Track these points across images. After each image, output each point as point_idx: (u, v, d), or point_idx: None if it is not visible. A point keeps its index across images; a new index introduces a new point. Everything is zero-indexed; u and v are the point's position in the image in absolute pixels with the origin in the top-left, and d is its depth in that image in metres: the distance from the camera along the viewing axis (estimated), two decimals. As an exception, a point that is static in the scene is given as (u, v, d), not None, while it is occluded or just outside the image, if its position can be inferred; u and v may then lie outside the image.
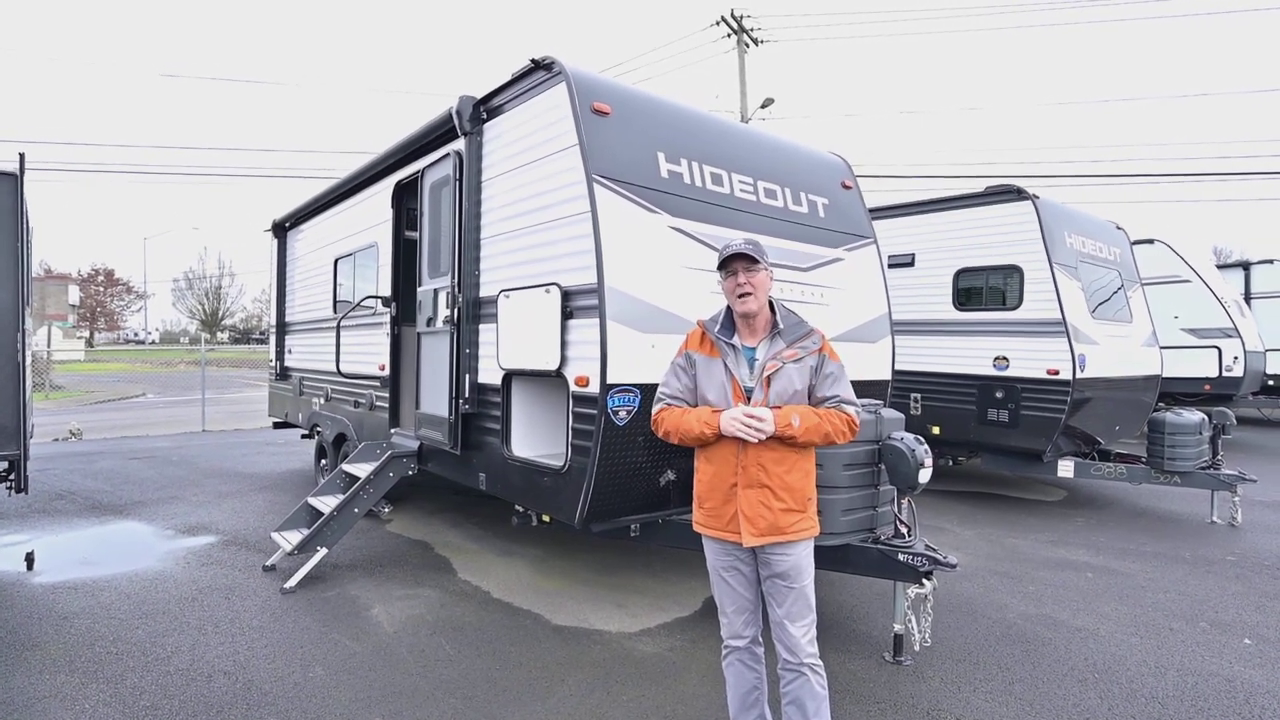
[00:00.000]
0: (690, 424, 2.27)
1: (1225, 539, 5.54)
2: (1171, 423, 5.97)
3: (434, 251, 4.73)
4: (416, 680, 3.10)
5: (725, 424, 2.22)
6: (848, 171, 4.86)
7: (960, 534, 5.61)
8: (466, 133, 4.21)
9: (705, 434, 2.25)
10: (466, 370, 4.21)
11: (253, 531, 5.46)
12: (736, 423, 2.19)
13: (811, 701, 2.26)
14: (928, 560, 3.13)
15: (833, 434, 2.26)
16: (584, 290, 3.39)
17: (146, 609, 3.86)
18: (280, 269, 8.10)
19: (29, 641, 3.44)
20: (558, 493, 3.61)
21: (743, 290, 2.30)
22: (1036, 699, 2.99)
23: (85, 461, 8.64)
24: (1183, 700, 3.00)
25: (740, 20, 16.54)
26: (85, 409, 16.43)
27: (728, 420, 2.21)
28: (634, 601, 4.05)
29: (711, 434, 2.25)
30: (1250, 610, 4.03)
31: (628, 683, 3.10)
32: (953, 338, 6.85)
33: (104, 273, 53.93)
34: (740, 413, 2.20)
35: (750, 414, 2.18)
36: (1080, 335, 6.12)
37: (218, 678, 3.09)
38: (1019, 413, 6.28)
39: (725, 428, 2.22)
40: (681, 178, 3.69)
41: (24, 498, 5.93)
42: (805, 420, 2.21)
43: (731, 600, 2.37)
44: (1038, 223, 6.23)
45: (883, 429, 3.29)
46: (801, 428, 2.20)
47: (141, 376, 28.80)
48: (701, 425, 2.25)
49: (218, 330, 54.68)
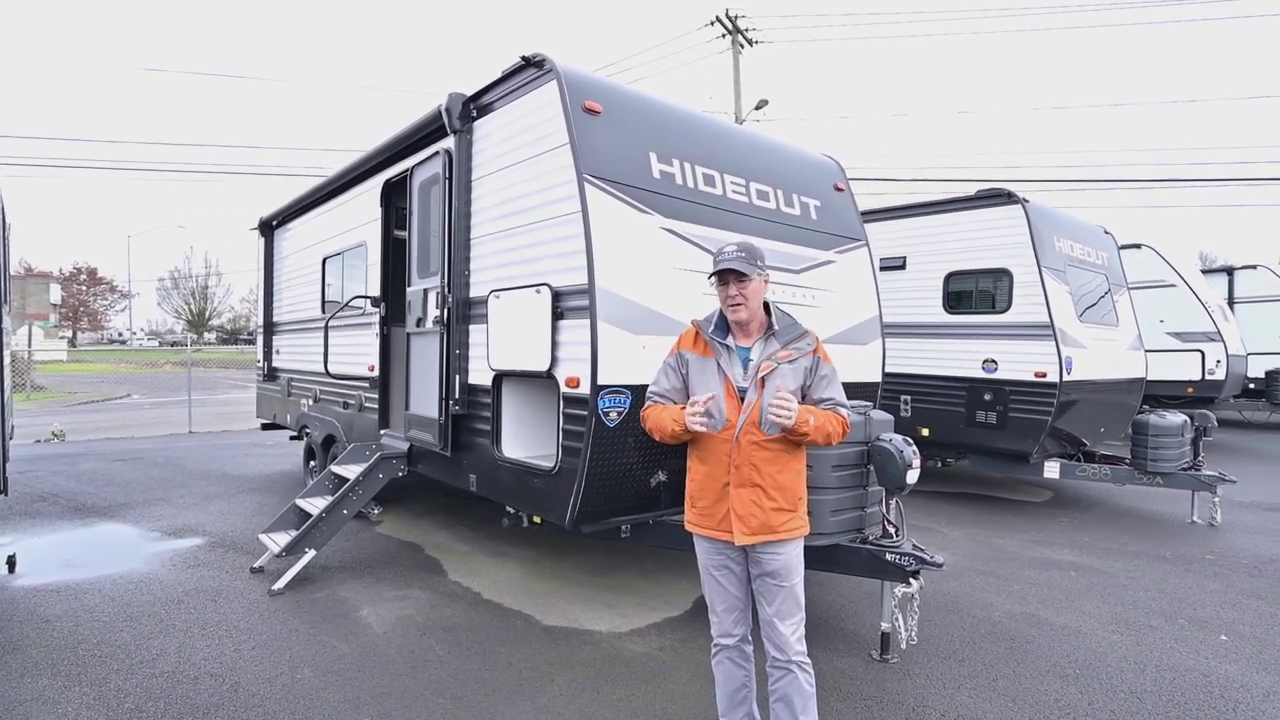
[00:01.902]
0: (664, 420, 2.30)
1: (1204, 538, 5.63)
2: (1155, 425, 6.08)
3: (423, 251, 4.71)
4: (406, 681, 3.09)
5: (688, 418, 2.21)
6: (840, 174, 4.89)
7: (948, 534, 5.66)
8: (456, 131, 4.20)
9: (676, 430, 2.27)
10: (456, 371, 4.19)
11: (240, 533, 5.40)
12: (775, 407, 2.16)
13: (799, 699, 2.28)
14: (915, 560, 3.16)
15: (832, 435, 2.29)
16: (575, 291, 3.39)
17: (131, 611, 3.81)
18: (268, 268, 8.02)
19: (10, 645, 3.38)
20: (548, 494, 3.61)
21: (734, 302, 2.33)
22: (1020, 695, 3.03)
23: (68, 463, 8.51)
24: (1160, 695, 3.06)
25: (735, 21, 16.56)
26: (68, 410, 16.20)
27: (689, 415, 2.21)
28: (624, 602, 4.06)
29: (681, 430, 2.26)
30: (1227, 608, 4.10)
31: (618, 682, 3.10)
32: (943, 340, 6.90)
33: (87, 271, 53.26)
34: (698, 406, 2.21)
35: (782, 399, 2.16)
36: (1067, 339, 6.19)
37: (204, 680, 3.06)
38: (1007, 415, 6.34)
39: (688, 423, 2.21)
40: (674, 178, 3.70)
41: (4, 500, 5.81)
42: (817, 420, 2.24)
43: (722, 599, 2.39)
44: (1027, 227, 6.29)
45: (872, 430, 3.31)
46: (814, 425, 2.22)
47: (126, 377, 28.42)
48: (672, 422, 2.28)
49: (204, 330, 54.06)
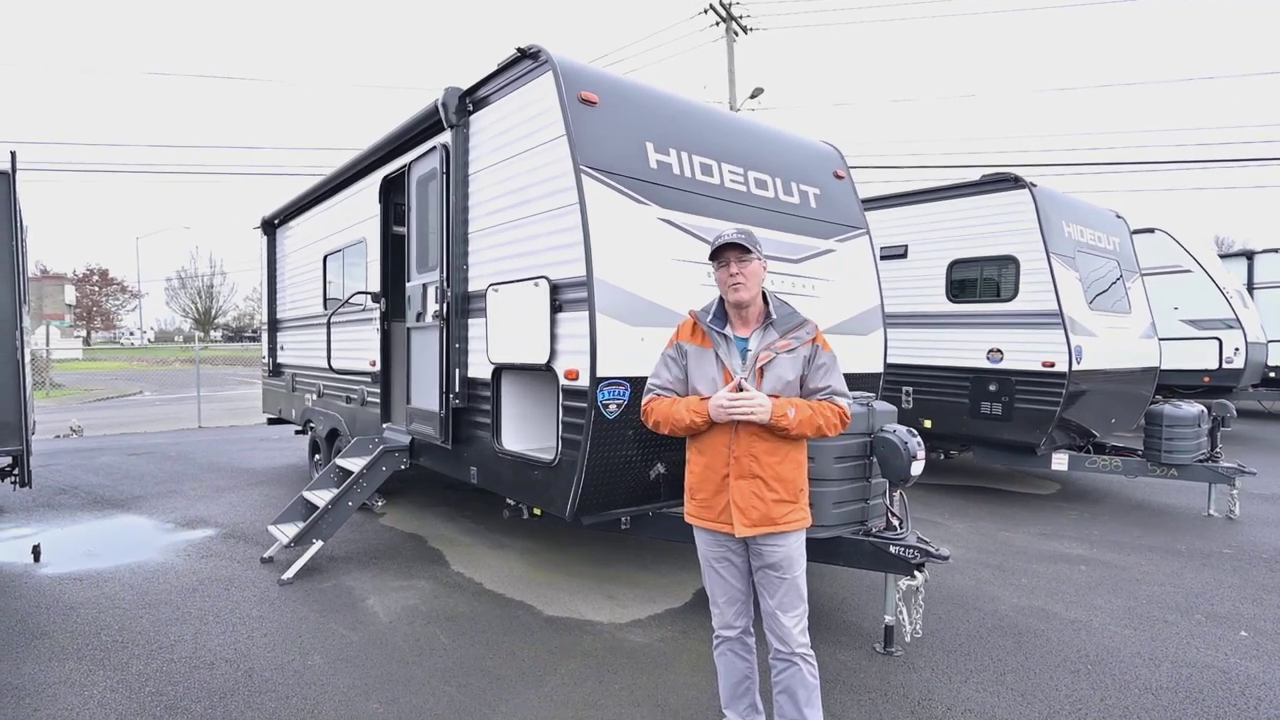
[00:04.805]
0: (680, 413, 2.26)
1: (1222, 532, 5.52)
2: (1169, 415, 5.94)
3: (422, 246, 4.71)
4: (412, 668, 3.12)
5: (714, 410, 2.20)
6: (840, 161, 4.83)
7: (952, 527, 5.60)
8: (452, 125, 4.18)
9: (696, 422, 2.24)
10: (456, 365, 4.19)
11: (250, 525, 5.48)
12: (728, 405, 2.16)
13: (803, 691, 2.26)
14: (919, 553, 3.12)
15: (825, 427, 2.24)
16: (573, 283, 3.37)
17: (149, 599, 3.92)
18: (271, 266, 8.08)
19: (37, 630, 3.51)
20: (548, 486, 3.61)
21: (735, 281, 2.28)
22: (1028, 689, 2.99)
23: (87, 457, 8.68)
24: (1177, 691, 2.99)
25: (729, 8, 16.30)
26: (85, 406, 16.46)
27: (715, 406, 2.20)
28: (625, 593, 4.05)
29: (702, 422, 2.23)
30: (1247, 603, 4.01)
31: (619, 672, 3.10)
32: (946, 330, 6.79)
33: (99, 273, 54.20)
34: (725, 395, 2.18)
35: (735, 397, 2.16)
36: (1077, 327, 6.06)
37: (220, 665, 3.14)
38: (1013, 406, 6.23)
39: (715, 414, 2.20)
40: (671, 168, 3.67)
41: (28, 492, 6.02)
42: (800, 413, 2.20)
43: (723, 591, 2.37)
44: (1035, 212, 6.13)
45: (875, 421, 3.27)
46: (796, 419, 2.18)
47: (139, 374, 28.82)
48: (691, 414, 2.24)
49: (211, 329, 54.62)
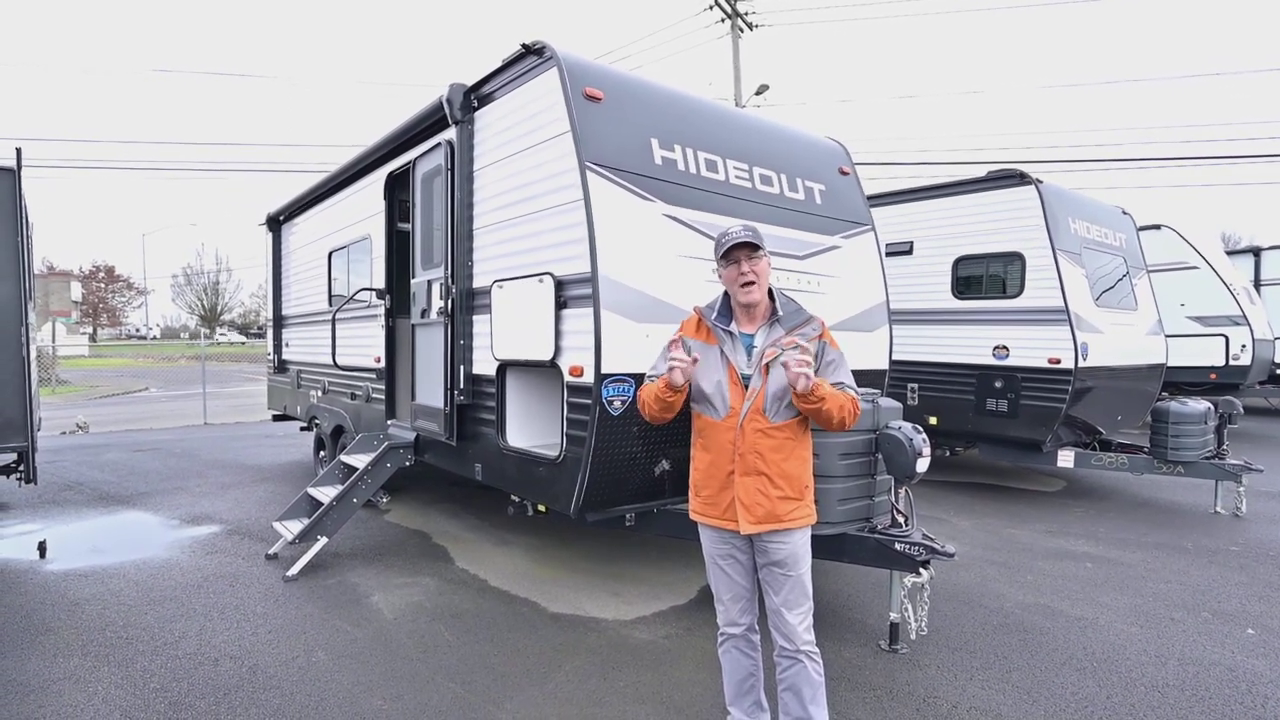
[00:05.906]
0: (649, 389, 2.29)
1: (1229, 530, 5.49)
2: (1176, 412, 5.92)
3: (427, 243, 4.70)
4: (416, 665, 3.12)
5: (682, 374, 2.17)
6: (845, 157, 4.80)
7: (958, 524, 5.59)
8: (457, 121, 4.17)
9: (663, 392, 2.23)
10: (461, 361, 4.19)
11: (255, 521, 5.50)
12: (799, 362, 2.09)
13: (808, 688, 2.26)
14: (925, 550, 3.11)
15: (845, 414, 2.20)
16: (577, 280, 3.36)
17: (154, 595, 3.93)
18: (276, 263, 8.08)
19: (43, 626, 3.52)
20: (553, 483, 3.61)
21: (746, 279, 2.26)
22: (1034, 687, 2.98)
23: (92, 454, 8.72)
24: (1184, 689, 2.98)
25: (734, 5, 16.27)
26: (91, 403, 16.54)
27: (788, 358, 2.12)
28: (629, 590, 4.05)
29: (665, 387, 2.21)
30: (1254, 600, 3.99)
31: (624, 669, 3.10)
32: (951, 327, 6.77)
33: (105, 269, 54.46)
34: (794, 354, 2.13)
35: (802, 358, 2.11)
36: (1083, 323, 6.04)
37: (225, 662, 3.15)
38: (1019, 402, 6.21)
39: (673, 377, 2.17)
40: (675, 164, 3.65)
41: (34, 488, 6.05)
42: (830, 391, 2.17)
43: (728, 588, 2.36)
44: (1041, 208, 6.11)
45: (880, 418, 3.26)
46: (829, 393, 2.15)
47: (144, 371, 28.93)
48: (656, 387, 2.25)
49: (217, 326, 54.78)
